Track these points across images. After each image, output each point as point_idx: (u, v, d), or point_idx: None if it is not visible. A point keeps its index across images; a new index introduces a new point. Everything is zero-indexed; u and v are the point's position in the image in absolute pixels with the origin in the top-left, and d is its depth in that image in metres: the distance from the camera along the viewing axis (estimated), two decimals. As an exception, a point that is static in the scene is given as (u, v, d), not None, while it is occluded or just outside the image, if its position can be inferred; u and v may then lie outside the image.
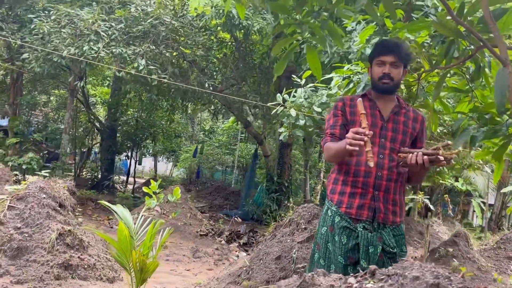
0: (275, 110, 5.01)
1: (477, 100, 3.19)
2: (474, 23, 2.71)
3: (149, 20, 8.14)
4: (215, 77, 9.51)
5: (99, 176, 13.78)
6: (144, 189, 6.63)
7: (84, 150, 15.52)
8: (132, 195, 10.55)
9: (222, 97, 9.40)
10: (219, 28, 8.88)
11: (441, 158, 1.89)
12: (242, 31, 8.23)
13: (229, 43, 10.38)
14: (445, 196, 18.66)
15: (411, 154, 1.96)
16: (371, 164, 1.87)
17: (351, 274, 1.99)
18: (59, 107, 14.90)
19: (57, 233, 3.75)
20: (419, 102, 3.61)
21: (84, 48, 7.59)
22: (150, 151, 20.05)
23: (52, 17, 8.28)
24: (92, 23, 8.00)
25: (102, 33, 7.92)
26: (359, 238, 2.07)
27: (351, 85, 3.89)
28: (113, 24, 8.22)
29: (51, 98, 15.83)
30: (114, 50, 7.78)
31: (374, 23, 3.80)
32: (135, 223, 3.20)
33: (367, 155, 1.89)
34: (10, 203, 3.82)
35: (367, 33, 3.83)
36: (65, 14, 8.27)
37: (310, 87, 5.04)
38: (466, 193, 17.64)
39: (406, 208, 13.40)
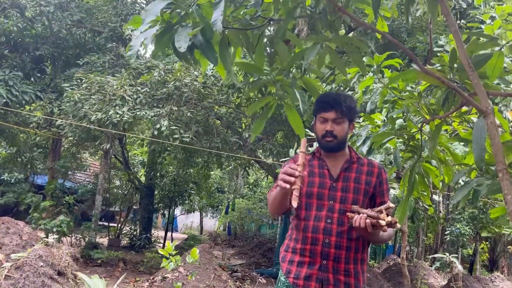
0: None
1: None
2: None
3: (172, 82, 8.41)
4: (241, 133, 9.54)
5: (138, 234, 13.92)
6: (160, 251, 6.53)
7: (124, 208, 15.85)
8: (160, 254, 10.48)
9: (247, 153, 9.37)
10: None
11: (382, 223, 1.66)
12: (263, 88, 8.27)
13: (256, 99, 10.47)
14: (509, 247, 16.99)
15: (357, 215, 1.74)
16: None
17: None
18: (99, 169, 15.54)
19: (50, 304, 3.68)
20: (426, 154, 3.38)
21: (110, 113, 7.91)
22: (195, 207, 20.22)
23: (84, 85, 8.78)
24: (118, 88, 8.39)
25: (127, 97, 8.26)
26: None
27: (353, 137, 3.75)
28: (139, 88, 8.57)
29: (95, 158, 16.60)
30: (138, 113, 8.05)
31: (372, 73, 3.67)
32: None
33: (292, 195, 1.72)
34: (8, 272, 3.83)
35: (365, 83, 3.72)
36: (95, 82, 8.75)
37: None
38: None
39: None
